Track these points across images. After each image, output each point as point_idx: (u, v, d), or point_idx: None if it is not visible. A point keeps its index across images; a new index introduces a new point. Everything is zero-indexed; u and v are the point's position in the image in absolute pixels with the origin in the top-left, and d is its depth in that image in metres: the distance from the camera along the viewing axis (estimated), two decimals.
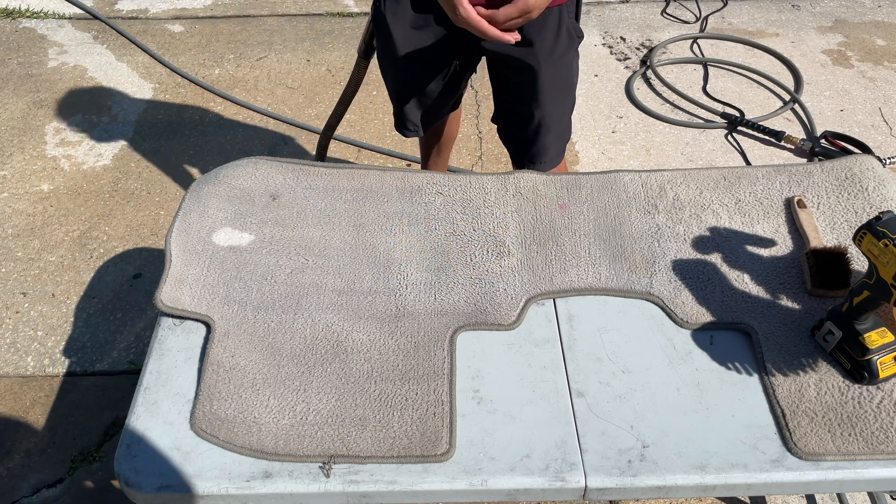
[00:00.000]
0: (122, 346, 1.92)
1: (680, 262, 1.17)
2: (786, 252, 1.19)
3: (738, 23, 3.20)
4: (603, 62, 2.98)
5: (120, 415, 1.77)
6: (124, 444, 0.95)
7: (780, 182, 1.29)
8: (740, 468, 0.93)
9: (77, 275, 2.10)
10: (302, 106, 2.73)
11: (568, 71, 1.45)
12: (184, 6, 3.28)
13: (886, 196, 1.25)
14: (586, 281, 1.15)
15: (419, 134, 1.62)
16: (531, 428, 0.97)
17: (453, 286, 1.15)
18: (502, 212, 1.25)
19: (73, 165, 2.46)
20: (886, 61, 2.97)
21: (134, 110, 2.70)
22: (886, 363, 0.99)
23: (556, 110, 1.48)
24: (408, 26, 1.39)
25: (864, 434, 0.95)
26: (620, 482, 0.92)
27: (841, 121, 2.68)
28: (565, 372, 1.04)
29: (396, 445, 0.95)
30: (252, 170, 1.31)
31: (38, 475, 1.66)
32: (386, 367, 1.04)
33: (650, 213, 1.25)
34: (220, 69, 2.90)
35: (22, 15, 3.20)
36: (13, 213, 2.29)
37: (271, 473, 0.92)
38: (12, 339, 1.94)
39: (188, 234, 1.21)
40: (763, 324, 1.08)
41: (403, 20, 1.39)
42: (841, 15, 3.25)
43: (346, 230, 1.23)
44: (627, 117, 2.70)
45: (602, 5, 3.33)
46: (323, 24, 3.19)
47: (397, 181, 1.31)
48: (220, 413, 0.98)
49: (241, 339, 1.07)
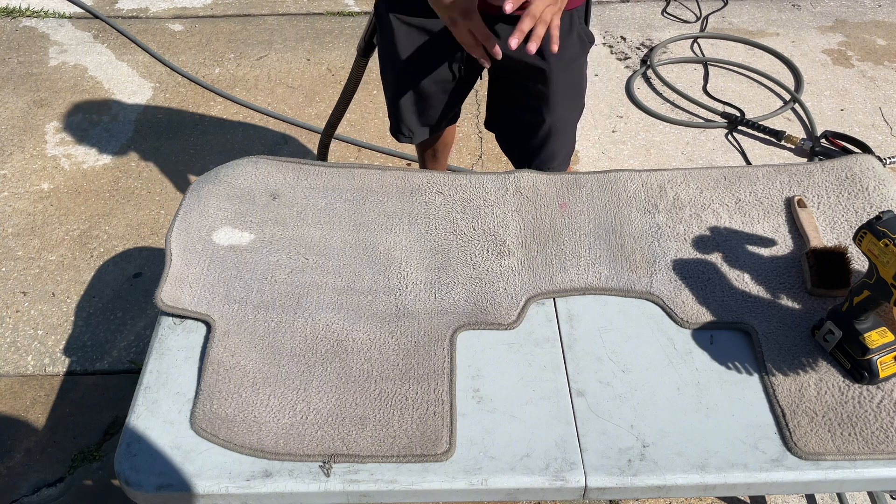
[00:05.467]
0: (122, 345, 1.92)
1: (680, 261, 1.17)
2: (786, 252, 1.19)
3: (739, 22, 3.20)
4: (603, 62, 2.98)
5: (120, 414, 1.78)
6: (124, 443, 0.95)
7: (781, 182, 1.29)
8: (740, 468, 0.93)
9: (77, 274, 2.10)
10: (302, 105, 2.73)
11: (579, 75, 1.45)
12: (184, 5, 3.28)
13: (886, 196, 1.25)
14: (586, 280, 1.15)
15: (413, 140, 1.60)
16: (531, 427, 0.97)
17: (453, 285, 1.15)
18: (502, 211, 1.25)
19: (74, 164, 2.46)
20: (887, 61, 2.97)
21: (134, 109, 2.70)
22: (886, 363, 0.99)
23: (567, 115, 1.47)
24: (410, 26, 1.38)
25: (864, 434, 0.95)
26: (620, 481, 0.92)
27: (841, 120, 2.68)
28: (565, 371, 1.04)
29: (396, 445, 0.95)
30: (252, 169, 1.31)
31: (39, 474, 1.67)
32: (386, 367, 1.04)
33: (650, 212, 1.25)
34: (221, 68, 2.90)
35: (22, 14, 3.20)
36: (13, 213, 2.29)
37: (271, 473, 0.92)
38: (12, 338, 1.94)
39: (188, 233, 1.21)
40: (763, 324, 1.08)
41: (406, 20, 1.38)
42: (841, 15, 3.25)
43: (347, 229, 1.23)
44: (628, 117, 2.70)
45: (602, 5, 3.32)
46: (323, 23, 3.19)
47: (397, 181, 1.30)
48: (220, 412, 0.98)
49: (242, 339, 1.07)
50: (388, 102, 1.55)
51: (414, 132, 1.57)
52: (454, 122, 1.69)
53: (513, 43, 1.02)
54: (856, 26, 3.17)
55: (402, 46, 1.40)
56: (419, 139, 1.60)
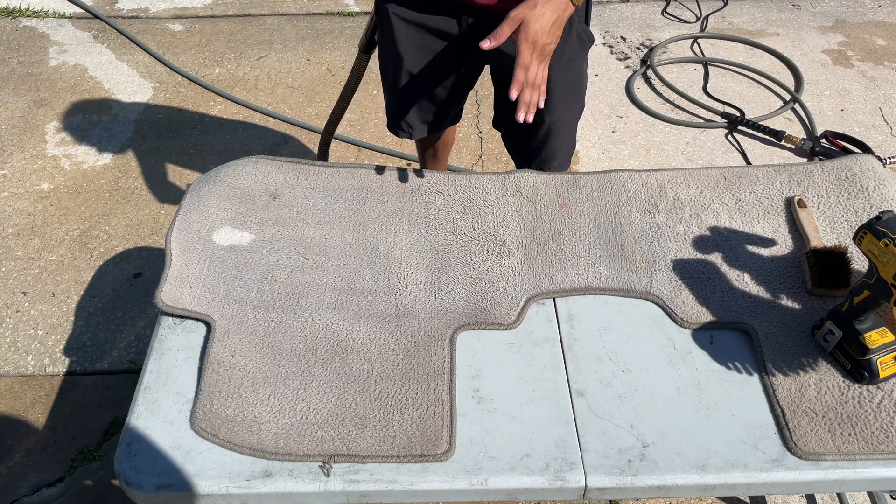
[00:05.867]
0: (122, 345, 1.92)
1: (680, 261, 1.17)
2: (786, 252, 1.19)
3: (739, 22, 3.20)
4: (603, 62, 2.98)
5: (120, 414, 1.78)
6: (124, 443, 0.95)
7: (781, 182, 1.29)
8: (740, 468, 0.93)
9: (77, 274, 2.10)
10: (302, 105, 2.73)
11: (578, 75, 1.44)
12: (184, 5, 3.28)
13: (886, 196, 1.25)
14: (586, 280, 1.15)
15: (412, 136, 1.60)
16: (531, 427, 0.97)
17: (453, 285, 1.15)
18: (502, 211, 1.25)
19: (74, 164, 2.46)
20: (887, 61, 2.97)
21: (134, 109, 2.70)
22: (886, 363, 0.99)
23: (566, 115, 1.47)
24: (410, 22, 1.38)
25: (864, 434, 0.95)
26: (620, 481, 0.92)
27: (841, 120, 2.68)
28: (565, 371, 1.04)
29: (396, 445, 0.95)
30: (252, 169, 1.31)
31: (39, 474, 1.67)
32: (386, 367, 1.04)
33: (650, 212, 1.25)
34: (221, 68, 2.90)
35: (22, 14, 3.20)
36: (13, 213, 2.29)
37: (271, 472, 0.92)
38: (12, 338, 1.94)
39: (188, 233, 1.21)
40: (763, 324, 1.08)
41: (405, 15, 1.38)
42: (841, 15, 3.25)
43: (347, 229, 1.23)
44: (628, 117, 2.70)
45: (602, 5, 3.32)
46: (323, 23, 3.19)
47: (397, 181, 1.31)
48: (220, 412, 0.98)
49: (242, 339, 1.07)
50: (387, 98, 1.55)
51: (413, 128, 1.57)
52: (456, 122, 1.69)
53: (520, 117, 1.10)
54: (856, 26, 3.17)
55: (402, 41, 1.40)
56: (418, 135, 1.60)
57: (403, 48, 1.40)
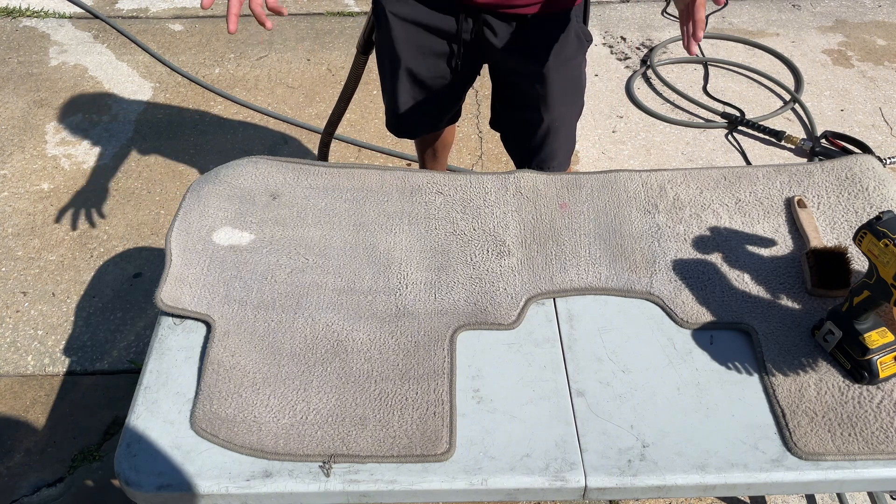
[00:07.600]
0: (122, 345, 1.92)
1: (680, 261, 1.17)
2: (786, 252, 1.19)
3: (739, 22, 3.20)
4: (603, 62, 2.98)
5: (120, 414, 1.78)
6: (124, 444, 0.95)
7: (781, 182, 1.29)
8: (740, 468, 0.93)
9: (77, 274, 2.10)
10: (302, 105, 2.73)
11: (577, 74, 1.45)
12: (184, 5, 3.28)
13: (886, 196, 1.25)
14: (586, 280, 1.15)
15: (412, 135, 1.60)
16: (531, 427, 0.97)
17: (453, 285, 1.15)
18: (502, 211, 1.25)
19: (74, 164, 2.46)
20: (887, 61, 2.97)
21: (134, 109, 2.70)
22: (886, 363, 0.99)
23: (565, 114, 1.47)
24: (408, 21, 1.38)
25: (864, 434, 0.95)
26: (620, 482, 0.92)
27: (841, 121, 2.68)
28: (565, 371, 1.04)
29: (396, 445, 0.95)
30: (252, 169, 1.31)
31: (39, 474, 1.67)
32: (386, 367, 1.04)
33: (650, 212, 1.25)
34: (221, 68, 2.90)
35: (22, 14, 3.20)
36: (13, 212, 2.29)
37: (271, 473, 0.92)
38: (12, 338, 1.94)
39: (188, 233, 1.21)
40: (763, 324, 1.08)
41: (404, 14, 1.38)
42: (841, 15, 3.25)
43: (347, 229, 1.23)
44: (628, 117, 2.70)
45: (602, 5, 3.33)
46: (323, 23, 3.19)
47: (397, 181, 1.30)
48: (220, 412, 0.98)
49: (242, 339, 1.07)
50: (386, 97, 1.55)
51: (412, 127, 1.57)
52: (454, 122, 1.69)
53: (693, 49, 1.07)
54: (856, 26, 3.17)
55: (399, 41, 1.40)
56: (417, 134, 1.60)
57: (401, 47, 1.41)
